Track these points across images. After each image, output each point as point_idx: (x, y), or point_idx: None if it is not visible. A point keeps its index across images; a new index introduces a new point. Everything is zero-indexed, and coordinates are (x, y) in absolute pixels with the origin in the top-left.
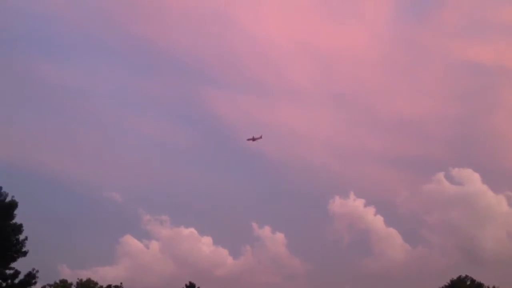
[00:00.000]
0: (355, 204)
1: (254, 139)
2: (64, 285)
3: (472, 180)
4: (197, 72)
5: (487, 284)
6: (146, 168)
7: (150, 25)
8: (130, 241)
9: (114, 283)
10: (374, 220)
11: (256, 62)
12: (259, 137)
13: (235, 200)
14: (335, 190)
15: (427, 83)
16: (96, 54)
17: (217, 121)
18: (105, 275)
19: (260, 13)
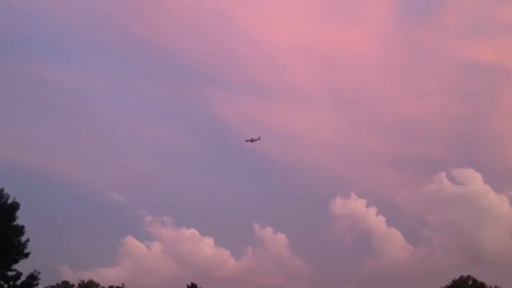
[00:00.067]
0: (356, 205)
1: (252, 140)
2: (66, 287)
3: (473, 180)
4: (198, 74)
5: (489, 284)
6: (148, 170)
7: (151, 27)
8: (132, 242)
9: (116, 284)
10: (375, 220)
11: (258, 64)
12: (258, 139)
13: (236, 201)
14: (336, 190)
15: (429, 83)
16: (97, 56)
17: (218, 122)
18: (107, 276)
19: (261, 14)
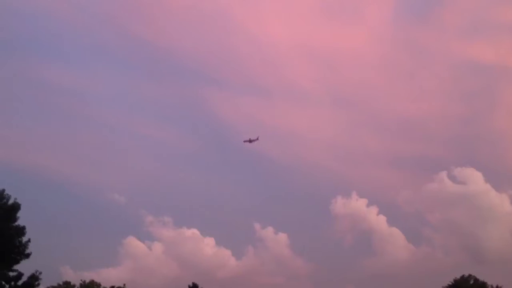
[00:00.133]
0: (357, 204)
1: (250, 141)
2: (67, 287)
3: (474, 179)
4: (198, 74)
5: (490, 283)
6: (148, 170)
7: (151, 27)
8: (133, 243)
9: (117, 284)
10: (376, 220)
11: (258, 64)
12: (256, 139)
13: (237, 201)
14: (337, 190)
15: (429, 83)
16: (97, 56)
17: (218, 122)
18: (108, 277)
19: (261, 14)
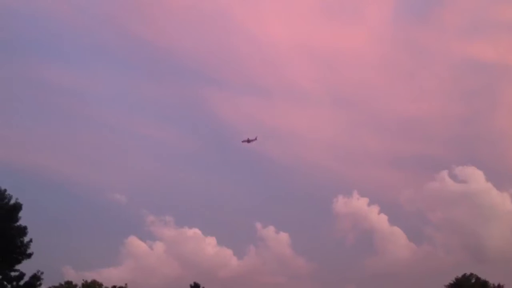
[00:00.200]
0: (358, 203)
1: (249, 141)
2: (69, 287)
3: (476, 178)
4: (198, 74)
5: (492, 282)
6: (148, 170)
7: (151, 27)
8: (135, 242)
9: (119, 284)
10: (378, 219)
11: (258, 64)
12: (254, 139)
13: (238, 201)
14: (338, 189)
15: (429, 83)
16: (97, 56)
17: (218, 122)
18: (109, 276)
19: (261, 14)
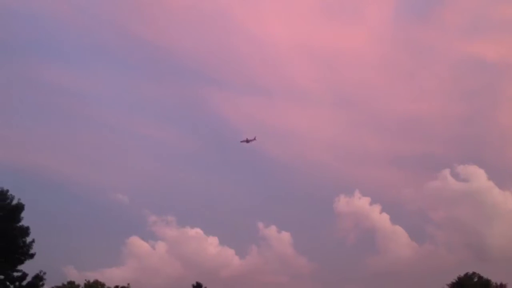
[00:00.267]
0: (360, 203)
1: (248, 141)
2: (71, 287)
3: (477, 176)
4: (198, 74)
5: (494, 281)
6: (149, 170)
7: (151, 27)
8: (137, 242)
9: (121, 284)
10: (379, 218)
11: (258, 64)
12: (253, 139)
13: (240, 200)
14: (340, 189)
15: (431, 82)
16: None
17: (220, 122)
18: (112, 276)
19: (261, 14)
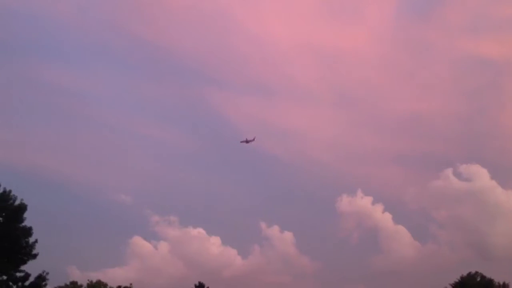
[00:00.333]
0: (363, 202)
1: (247, 141)
2: (74, 287)
3: (480, 176)
4: (198, 74)
5: (497, 280)
6: (153, 170)
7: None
8: (139, 242)
9: (124, 284)
10: (382, 217)
11: (258, 63)
12: (252, 139)
13: (243, 200)
14: (342, 188)
15: (433, 80)
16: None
17: (221, 121)
18: (114, 277)
19: (261, 14)
